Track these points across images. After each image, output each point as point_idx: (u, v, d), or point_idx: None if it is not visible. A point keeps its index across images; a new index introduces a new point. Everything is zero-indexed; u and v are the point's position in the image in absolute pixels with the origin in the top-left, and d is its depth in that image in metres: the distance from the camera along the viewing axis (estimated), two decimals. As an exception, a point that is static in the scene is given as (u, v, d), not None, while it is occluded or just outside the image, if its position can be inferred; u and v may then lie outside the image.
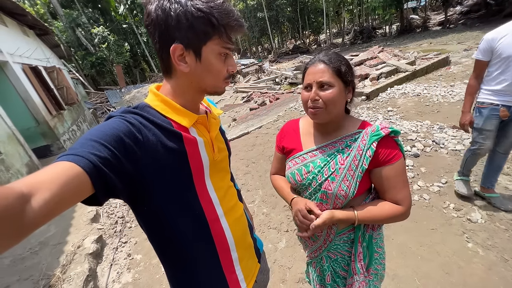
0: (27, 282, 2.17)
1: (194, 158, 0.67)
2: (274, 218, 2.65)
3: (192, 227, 0.69)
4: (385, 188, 0.86)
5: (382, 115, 4.47)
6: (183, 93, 0.67)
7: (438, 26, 16.43)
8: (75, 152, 0.48)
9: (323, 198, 0.90)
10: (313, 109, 0.84)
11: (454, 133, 3.34)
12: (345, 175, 0.85)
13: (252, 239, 0.90)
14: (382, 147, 0.82)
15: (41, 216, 0.39)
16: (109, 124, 0.55)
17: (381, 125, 0.84)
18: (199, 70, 0.63)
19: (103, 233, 2.87)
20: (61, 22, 19.39)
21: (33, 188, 0.40)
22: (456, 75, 5.85)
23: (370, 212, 0.86)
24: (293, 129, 1.04)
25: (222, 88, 0.69)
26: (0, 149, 4.09)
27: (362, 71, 6.97)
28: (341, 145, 0.89)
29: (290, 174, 0.96)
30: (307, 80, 0.86)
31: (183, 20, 0.57)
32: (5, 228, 0.35)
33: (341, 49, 18.97)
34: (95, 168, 0.47)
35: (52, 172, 0.43)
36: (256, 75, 13.84)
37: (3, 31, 6.33)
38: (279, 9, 25.24)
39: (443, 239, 1.99)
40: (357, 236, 0.92)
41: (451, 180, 2.56)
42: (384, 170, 0.84)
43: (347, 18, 32.39)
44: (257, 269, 0.89)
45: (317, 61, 0.85)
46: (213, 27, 0.58)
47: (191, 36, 0.58)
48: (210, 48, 0.61)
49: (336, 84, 0.82)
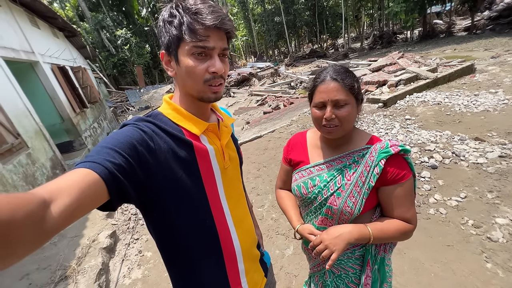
0: (45, 271, 2.29)
1: (205, 167, 0.68)
2: (282, 224, 2.64)
3: (201, 236, 0.70)
4: (393, 207, 0.84)
5: (399, 124, 4.34)
6: (187, 100, 0.69)
7: (464, 31, 15.72)
8: (91, 159, 0.49)
9: (328, 213, 0.89)
10: (329, 128, 0.83)
11: (476, 145, 3.18)
12: (351, 191, 0.84)
13: (259, 252, 0.90)
14: (391, 165, 0.80)
15: (60, 222, 0.40)
16: (123, 132, 0.58)
17: (391, 142, 0.82)
18: (180, 73, 0.65)
19: (117, 228, 2.98)
20: (88, 24, 20.45)
21: (53, 194, 0.41)
22: (481, 83, 5.57)
23: (383, 229, 0.83)
24: (300, 142, 1.03)
25: (206, 93, 0.65)
26: (28, 143, 4.36)
27: (380, 77, 6.81)
28: (348, 160, 0.88)
29: (296, 187, 0.96)
30: (319, 98, 0.83)
31: (162, 27, 0.63)
32: (27, 233, 0.36)
33: (359, 54, 18.61)
34: (110, 175, 0.49)
35: (71, 178, 0.45)
36: (271, 79, 13.88)
37: (35, 33, 6.77)
38: (296, 13, 25.18)
39: (459, 257, 1.90)
40: (366, 259, 0.90)
41: (471, 195, 2.44)
42: (392, 189, 0.82)
43: (367, 23, 31.77)
44: (263, 283, 0.88)
45: (328, 79, 0.82)
46: (180, 29, 0.60)
47: (167, 41, 0.63)
48: (183, 49, 0.62)
49: (350, 102, 0.81)
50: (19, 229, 0.34)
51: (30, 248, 0.37)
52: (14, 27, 5.65)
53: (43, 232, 0.38)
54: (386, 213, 0.88)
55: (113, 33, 20.14)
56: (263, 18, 27.20)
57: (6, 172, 3.45)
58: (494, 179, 2.55)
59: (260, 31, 29.60)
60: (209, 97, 0.65)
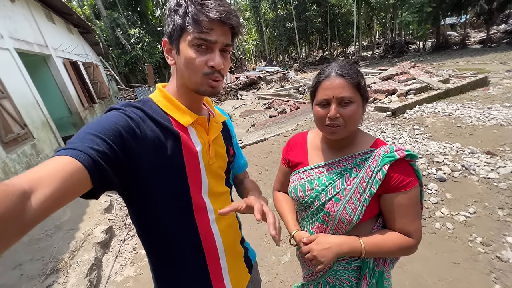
0: (37, 263, 2.27)
1: (190, 160, 0.66)
2: (280, 229, 2.56)
3: (181, 230, 0.68)
4: (395, 217, 0.77)
5: (408, 134, 4.22)
6: (181, 90, 0.68)
7: (478, 44, 15.44)
8: (74, 146, 0.47)
9: (324, 219, 0.83)
10: (333, 127, 0.76)
11: (487, 159, 3.05)
12: (351, 198, 0.77)
13: (243, 248, 0.87)
14: (395, 171, 0.74)
15: (41, 213, 0.39)
16: (108, 118, 0.56)
17: (396, 146, 0.76)
18: (180, 63, 0.63)
19: (114, 224, 2.95)
20: (103, 22, 20.95)
21: (34, 184, 0.39)
22: (495, 97, 5.40)
23: (377, 244, 0.76)
24: (300, 142, 0.98)
25: (203, 86, 0.63)
26: (34, 134, 4.42)
27: (389, 86, 6.70)
28: (349, 164, 0.81)
29: (293, 189, 0.91)
30: (323, 96, 0.77)
31: (167, 16, 0.62)
32: (6, 227, 0.34)
33: (370, 63, 18.47)
34: (93, 163, 0.47)
35: (52, 167, 0.43)
36: (279, 83, 13.85)
37: (50, 28, 6.94)
38: (308, 20, 25.25)
39: (466, 276, 1.79)
40: (363, 272, 0.83)
41: (480, 211, 2.32)
42: (395, 197, 0.75)
43: (379, 32, 31.60)
44: (247, 280, 0.86)
45: (333, 75, 0.76)
46: (184, 18, 0.59)
47: (170, 29, 0.62)
48: (184, 39, 0.61)
49: (356, 100, 0.75)
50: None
51: (9, 242, 0.35)
52: (29, 21, 5.79)
53: (23, 224, 0.36)
54: (387, 223, 0.81)
55: (127, 32, 20.58)
56: (274, 23, 27.37)
57: (10, 161, 3.49)
58: (506, 196, 2.42)
59: (271, 36, 29.78)
60: (205, 90, 0.64)
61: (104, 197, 3.31)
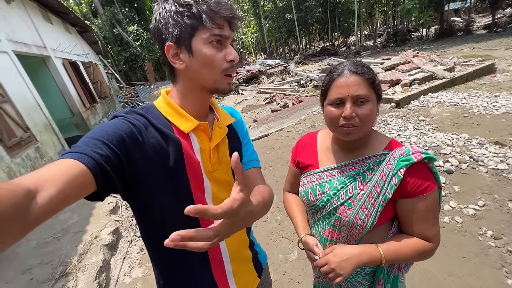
0: (47, 267, 2.29)
1: (192, 167, 0.66)
2: (287, 227, 2.55)
3: None
4: (413, 223, 0.74)
5: (413, 125, 4.15)
6: (187, 95, 0.68)
7: (484, 29, 15.06)
8: (78, 150, 0.49)
9: (336, 224, 0.80)
10: (348, 128, 0.73)
11: (496, 150, 2.98)
12: (364, 203, 0.74)
13: (251, 252, 0.85)
14: (412, 175, 0.70)
15: (45, 213, 0.40)
16: (112, 124, 0.57)
17: (413, 148, 0.71)
18: (195, 65, 0.62)
19: (120, 225, 2.96)
20: (101, 20, 20.79)
21: (39, 184, 0.40)
22: (502, 84, 5.28)
23: (397, 251, 0.74)
24: (310, 143, 0.94)
25: (223, 84, 0.65)
26: (37, 137, 4.42)
27: (393, 76, 6.57)
28: (362, 167, 0.77)
29: (303, 192, 0.88)
30: (337, 94, 0.73)
31: (169, 19, 0.60)
32: (11, 225, 0.35)
33: (372, 52, 18.15)
34: (98, 166, 0.48)
35: (57, 169, 0.44)
36: (280, 76, 13.68)
37: (48, 28, 6.87)
38: (308, 10, 24.74)
39: (476, 271, 1.76)
40: (378, 277, 0.81)
41: (490, 203, 2.27)
42: (413, 203, 0.71)
43: (381, 20, 30.94)
44: (255, 283, 0.85)
45: (347, 72, 0.73)
46: (195, 17, 0.59)
47: (178, 32, 0.60)
48: (199, 39, 0.60)
49: (372, 98, 0.72)
50: (2, 222, 0.34)
51: (12, 240, 0.36)
52: (27, 22, 5.74)
53: (26, 223, 0.37)
54: (404, 229, 0.77)
55: (125, 29, 20.43)
56: (273, 15, 26.89)
57: (14, 165, 3.50)
58: (516, 187, 2.38)
59: (271, 28, 29.30)
60: (225, 88, 0.65)
61: (109, 199, 3.32)
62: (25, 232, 0.38)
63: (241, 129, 0.87)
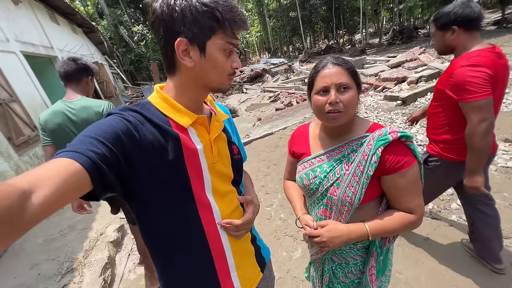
0: (53, 263, 2.33)
1: (191, 160, 0.66)
2: (291, 225, 2.54)
3: (186, 228, 0.69)
4: (396, 197, 0.83)
5: (419, 123, 4.09)
6: (185, 90, 0.67)
7: (493, 25, 14.74)
8: (74, 148, 0.48)
9: (328, 204, 0.89)
10: (334, 113, 0.81)
11: (506, 147, 2.92)
12: (350, 181, 0.83)
13: (253, 247, 0.86)
14: (390, 153, 0.78)
15: (40, 213, 0.39)
16: (107, 122, 0.56)
17: (390, 129, 0.80)
18: (204, 65, 0.62)
19: (125, 222, 2.99)
20: (106, 21, 21.03)
21: (34, 184, 0.39)
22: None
23: (382, 226, 0.83)
24: (303, 134, 1.04)
25: (226, 85, 0.68)
26: (44, 136, 4.50)
27: (399, 73, 6.48)
28: (347, 150, 0.86)
29: (299, 178, 0.97)
30: (322, 83, 0.82)
31: (188, 14, 0.57)
32: (6, 226, 0.35)
33: (377, 50, 17.94)
34: (94, 165, 0.47)
35: (52, 168, 0.43)
36: (285, 75, 13.63)
37: (55, 29, 6.98)
38: (312, 8, 24.60)
39: (485, 270, 1.72)
40: (371, 250, 0.90)
41: (499, 202, 2.22)
42: (394, 178, 0.80)
43: (386, 17, 30.54)
44: (258, 278, 0.86)
45: (330, 64, 0.83)
46: (217, 21, 0.58)
47: (195, 30, 0.58)
48: (214, 43, 0.61)
49: (352, 86, 0.81)
50: None
51: (8, 240, 0.36)
52: (34, 23, 5.83)
53: (21, 224, 0.37)
54: (391, 203, 0.86)
55: (130, 29, 20.63)
56: (278, 14, 26.86)
57: (22, 163, 3.56)
58: (527, 185, 2.32)
59: (275, 27, 29.25)
60: (226, 87, 0.68)
61: (114, 196, 3.36)
62: (21, 233, 0.37)
63: (233, 126, 0.92)
